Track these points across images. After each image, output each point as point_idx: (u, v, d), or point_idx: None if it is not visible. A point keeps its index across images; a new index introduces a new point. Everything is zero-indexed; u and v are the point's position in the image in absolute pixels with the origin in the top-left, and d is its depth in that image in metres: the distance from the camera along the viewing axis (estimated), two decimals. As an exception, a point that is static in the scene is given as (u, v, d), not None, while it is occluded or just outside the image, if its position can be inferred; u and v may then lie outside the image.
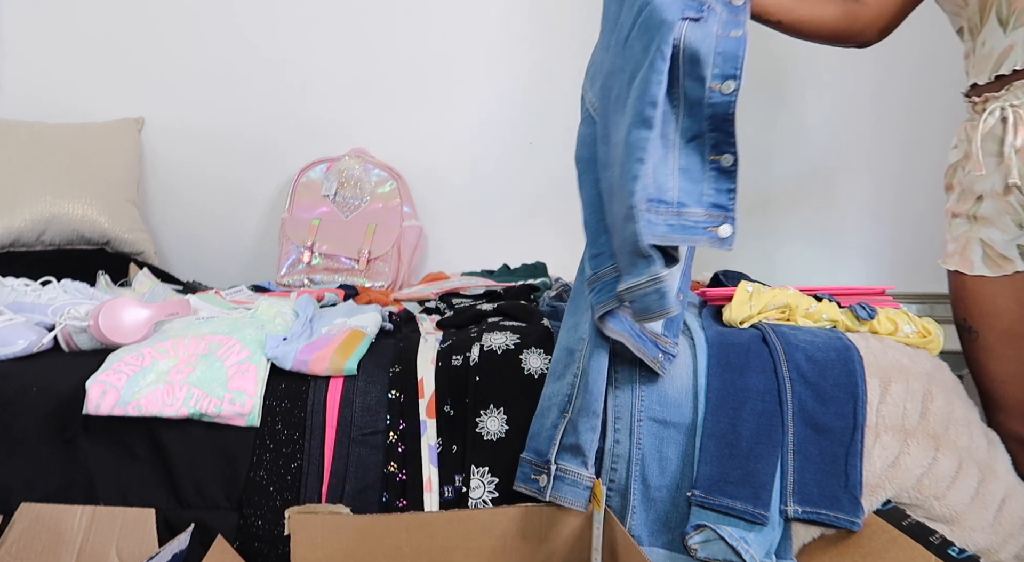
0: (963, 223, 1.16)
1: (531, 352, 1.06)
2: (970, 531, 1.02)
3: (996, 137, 1.09)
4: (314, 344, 1.08)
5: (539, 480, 0.98)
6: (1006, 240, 1.10)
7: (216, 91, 1.93)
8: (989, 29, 1.08)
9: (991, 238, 1.11)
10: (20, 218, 1.61)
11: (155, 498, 1.00)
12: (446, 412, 1.03)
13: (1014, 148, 1.06)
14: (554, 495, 0.97)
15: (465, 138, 1.94)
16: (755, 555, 0.93)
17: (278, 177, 1.95)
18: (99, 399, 0.99)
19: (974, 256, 1.14)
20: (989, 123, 1.09)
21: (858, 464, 0.99)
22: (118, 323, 1.09)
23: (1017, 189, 1.07)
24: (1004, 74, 1.06)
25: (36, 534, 0.96)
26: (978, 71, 1.11)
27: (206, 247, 1.98)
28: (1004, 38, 1.06)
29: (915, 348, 1.11)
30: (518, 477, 1.00)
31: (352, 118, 1.94)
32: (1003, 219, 1.10)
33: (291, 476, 1.01)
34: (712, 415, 1.01)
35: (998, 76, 1.07)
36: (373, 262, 1.78)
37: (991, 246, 1.12)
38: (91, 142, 1.78)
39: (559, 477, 0.98)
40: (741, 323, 1.11)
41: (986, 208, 1.11)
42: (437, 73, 1.92)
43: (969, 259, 1.14)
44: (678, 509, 1.00)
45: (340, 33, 1.91)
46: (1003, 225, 1.10)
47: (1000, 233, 1.10)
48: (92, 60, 1.91)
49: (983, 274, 1.13)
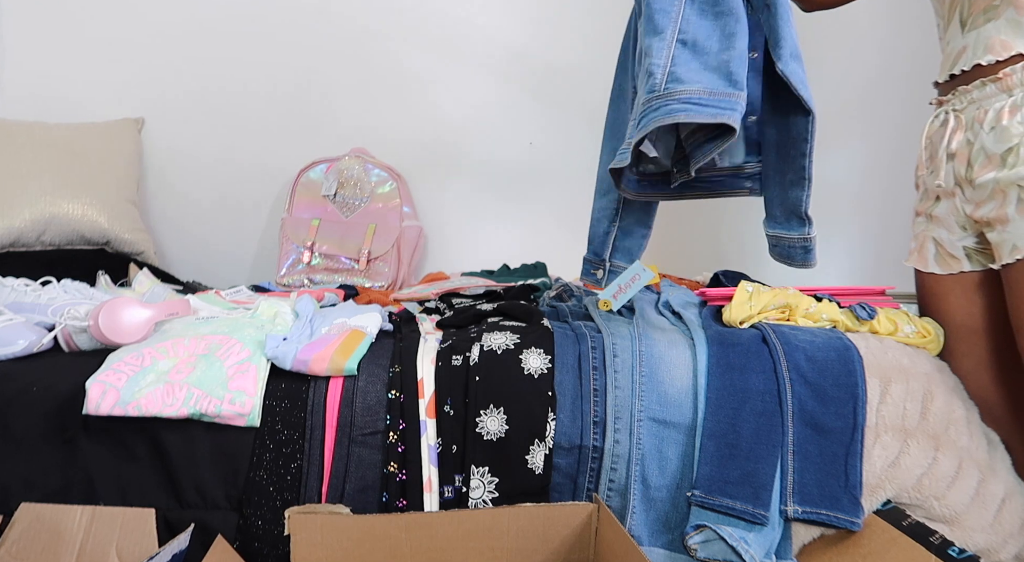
0: (923, 221, 1.18)
1: (531, 352, 1.06)
2: (970, 531, 1.02)
3: (938, 141, 1.11)
4: (314, 344, 1.08)
5: (597, 273, 1.28)
6: (953, 240, 1.12)
7: (216, 91, 1.93)
8: (953, 28, 1.10)
9: (941, 237, 1.14)
10: (20, 218, 1.61)
11: (155, 498, 1.00)
12: (446, 412, 1.03)
13: (947, 152, 1.09)
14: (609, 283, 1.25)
15: (465, 138, 1.94)
16: (755, 555, 0.93)
17: (278, 177, 1.95)
18: (99, 399, 0.98)
19: (928, 254, 1.16)
20: (934, 126, 1.13)
21: (858, 464, 0.99)
22: (118, 323, 1.09)
23: (960, 191, 1.09)
24: (955, 74, 1.08)
25: (36, 534, 0.96)
26: (941, 69, 1.13)
27: (206, 247, 1.98)
28: (961, 38, 1.08)
29: (915, 348, 1.11)
30: (582, 273, 1.30)
31: (352, 118, 1.94)
32: (949, 219, 1.12)
33: (291, 476, 1.01)
34: (712, 415, 1.01)
35: (952, 75, 1.09)
36: (373, 262, 1.78)
37: (942, 245, 1.14)
38: (91, 142, 1.78)
39: (612, 271, 1.26)
40: (741, 323, 1.11)
41: (940, 208, 1.14)
42: (437, 73, 1.92)
43: (924, 257, 1.17)
44: (678, 509, 1.00)
45: (340, 33, 1.91)
46: (949, 225, 1.13)
47: (947, 233, 1.13)
48: (92, 60, 1.91)
49: (934, 272, 1.15)
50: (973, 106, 1.06)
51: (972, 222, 1.09)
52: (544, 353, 1.06)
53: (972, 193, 1.07)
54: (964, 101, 1.07)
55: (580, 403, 1.03)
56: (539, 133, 1.92)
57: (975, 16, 1.05)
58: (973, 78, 1.05)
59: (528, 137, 1.93)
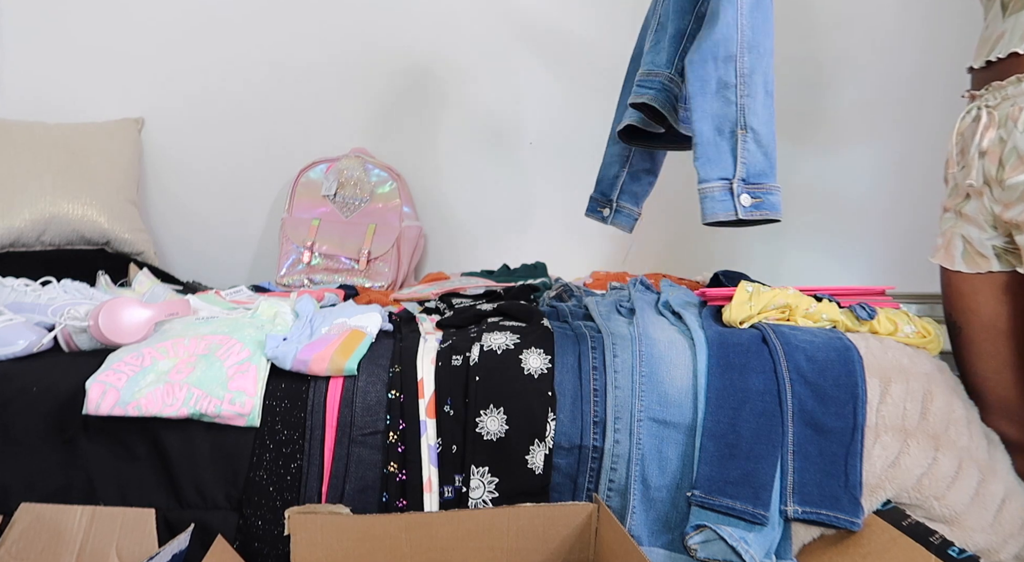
0: (951, 218, 1.16)
1: (531, 352, 1.06)
2: (970, 531, 1.02)
3: (970, 137, 1.08)
4: (314, 344, 1.08)
5: (603, 211, 1.39)
6: (982, 238, 1.10)
7: (216, 91, 1.93)
8: (994, 12, 1.07)
9: (970, 235, 1.12)
10: (20, 218, 1.61)
11: (155, 498, 1.00)
12: (446, 412, 1.03)
13: (979, 150, 1.06)
14: (615, 222, 1.39)
15: (464, 138, 1.94)
16: (755, 555, 0.93)
17: (278, 177, 1.95)
18: (99, 399, 0.98)
19: (955, 251, 1.14)
20: (965, 121, 1.09)
21: (858, 464, 0.99)
22: (118, 323, 1.09)
23: (988, 190, 1.07)
24: (992, 61, 1.05)
25: (36, 534, 0.96)
26: (977, 55, 1.10)
27: (206, 247, 1.98)
28: (1001, 23, 1.05)
29: (915, 348, 1.11)
30: (587, 209, 1.41)
31: (352, 118, 1.94)
32: (979, 218, 1.10)
33: (291, 476, 1.01)
34: (712, 415, 1.01)
35: (988, 62, 1.06)
36: (373, 262, 1.78)
37: (971, 243, 1.12)
38: (91, 142, 1.78)
39: (618, 211, 1.38)
40: (741, 323, 1.11)
41: (971, 206, 1.11)
42: (437, 73, 1.92)
43: (952, 254, 1.14)
44: (678, 509, 1.00)
45: (340, 33, 1.91)
46: (979, 223, 1.10)
47: (977, 231, 1.11)
48: (92, 60, 1.91)
49: (961, 270, 1.13)
50: (1007, 103, 1.02)
51: (1002, 222, 1.06)
52: (544, 353, 1.06)
53: (1001, 194, 1.04)
54: (998, 97, 1.04)
55: (580, 403, 1.03)
56: (539, 133, 1.92)
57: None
58: (1008, 71, 1.02)
59: (528, 137, 1.93)
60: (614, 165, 1.40)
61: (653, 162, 1.40)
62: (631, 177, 1.39)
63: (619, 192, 1.39)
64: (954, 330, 1.17)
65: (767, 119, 1.09)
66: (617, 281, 1.52)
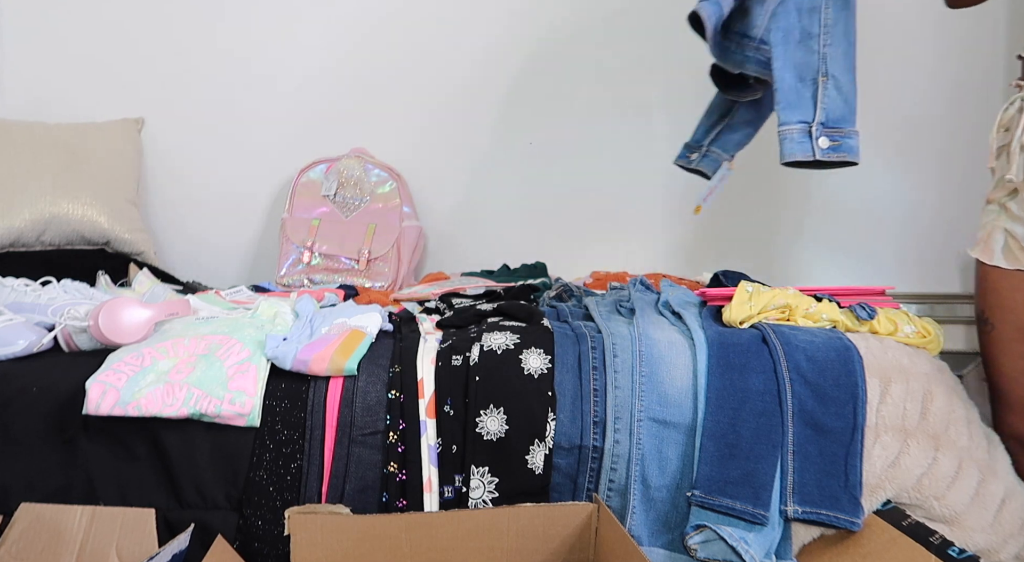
0: (994, 210, 1.12)
1: (531, 352, 1.06)
2: (970, 531, 1.02)
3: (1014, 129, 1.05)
4: (314, 344, 1.08)
5: (692, 156, 1.43)
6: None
7: (216, 91, 1.93)
8: None
9: (1015, 230, 1.08)
10: (20, 218, 1.61)
11: (155, 498, 1.00)
12: (446, 412, 1.03)
13: (1020, 143, 1.03)
14: (699, 165, 1.42)
15: (464, 138, 1.94)
16: (755, 555, 0.93)
17: (278, 177, 1.94)
18: (99, 399, 0.98)
19: (995, 245, 1.10)
20: (1009, 113, 1.06)
21: (858, 464, 0.99)
22: (118, 323, 1.09)
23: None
24: None
25: (36, 534, 0.96)
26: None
27: (206, 247, 1.98)
28: None
29: (915, 348, 1.11)
30: (678, 156, 1.46)
31: (352, 118, 1.94)
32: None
33: (291, 476, 1.01)
34: (712, 415, 1.01)
35: None
36: (373, 262, 1.78)
37: (1014, 237, 1.08)
38: (91, 142, 1.78)
39: (707, 155, 1.42)
40: (741, 323, 1.11)
41: (1016, 199, 1.08)
42: (437, 73, 1.92)
43: (991, 248, 1.11)
44: (678, 509, 1.00)
45: (340, 33, 1.91)
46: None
47: (1022, 227, 1.07)
48: (92, 60, 1.90)
49: (1000, 265, 1.10)
50: None
51: None
52: (544, 353, 1.06)
53: None
54: None
55: (580, 403, 1.03)
56: (539, 133, 1.92)
57: None
58: None
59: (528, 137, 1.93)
60: (714, 114, 1.44)
61: (758, 115, 1.42)
62: (729, 128, 1.42)
63: (712, 139, 1.43)
64: (985, 327, 1.14)
65: (848, 66, 1.11)
66: (617, 281, 1.52)
